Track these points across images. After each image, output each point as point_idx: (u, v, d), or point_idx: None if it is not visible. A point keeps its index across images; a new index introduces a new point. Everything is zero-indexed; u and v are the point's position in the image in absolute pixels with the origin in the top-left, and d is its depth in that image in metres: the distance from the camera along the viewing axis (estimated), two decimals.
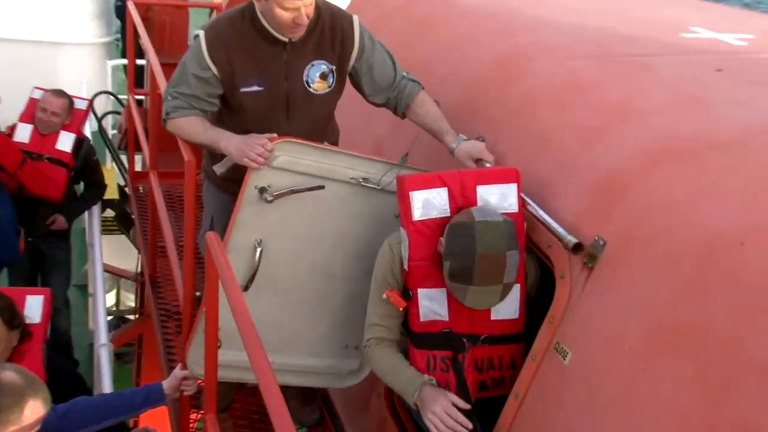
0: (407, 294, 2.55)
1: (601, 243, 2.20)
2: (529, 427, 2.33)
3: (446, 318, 2.55)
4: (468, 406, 2.44)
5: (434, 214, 2.49)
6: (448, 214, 2.49)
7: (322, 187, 2.78)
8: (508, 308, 2.53)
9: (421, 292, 2.54)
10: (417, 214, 2.49)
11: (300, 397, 3.49)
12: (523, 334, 2.60)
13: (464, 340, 2.55)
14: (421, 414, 2.44)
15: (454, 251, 2.35)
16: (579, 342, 2.21)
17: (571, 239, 2.23)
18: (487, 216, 2.37)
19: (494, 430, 2.43)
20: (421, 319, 2.57)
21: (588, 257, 2.23)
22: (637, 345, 2.01)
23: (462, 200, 2.50)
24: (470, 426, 2.37)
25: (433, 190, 2.49)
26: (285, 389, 3.45)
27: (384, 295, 2.57)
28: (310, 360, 3.11)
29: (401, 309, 2.56)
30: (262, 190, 2.73)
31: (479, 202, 2.49)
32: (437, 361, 2.56)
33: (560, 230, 2.30)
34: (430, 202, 2.49)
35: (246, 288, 2.84)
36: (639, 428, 1.94)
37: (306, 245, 2.89)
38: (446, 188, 2.47)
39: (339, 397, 3.59)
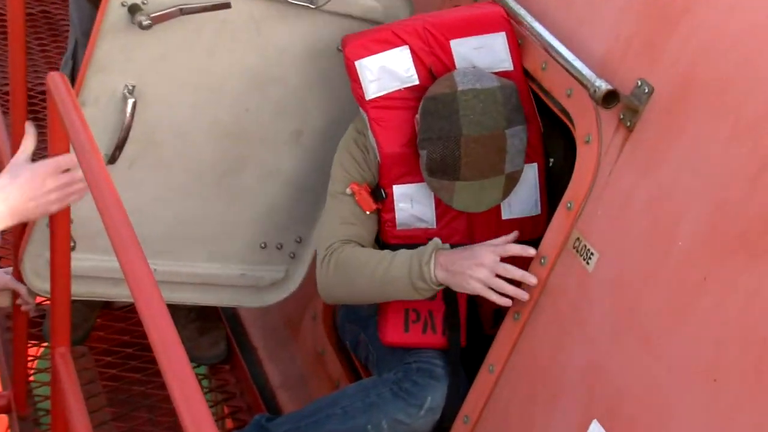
0: (379, 194, 2.64)
1: (646, 90, 2.19)
2: (532, 361, 2.38)
3: (433, 224, 2.63)
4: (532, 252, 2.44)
5: (396, 85, 2.58)
6: (417, 82, 2.58)
7: (227, 5, 2.72)
8: (524, 201, 2.61)
9: (398, 190, 2.62)
10: (372, 89, 2.58)
11: (196, 322, 3.54)
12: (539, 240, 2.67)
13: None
14: (456, 283, 2.46)
15: (431, 135, 2.44)
16: (609, 238, 2.23)
17: (601, 84, 2.21)
18: (474, 81, 2.44)
19: (485, 362, 2.49)
20: (398, 227, 2.64)
21: (626, 111, 2.23)
22: (695, 242, 2.03)
23: (432, 60, 2.57)
24: (534, 281, 2.39)
25: (388, 52, 2.57)
26: (174, 310, 3.53)
27: (348, 190, 2.65)
28: (211, 267, 3.15)
29: (369, 212, 2.65)
30: (134, 9, 2.65)
31: (458, 63, 2.57)
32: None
33: (585, 71, 2.28)
34: (387, 70, 2.57)
35: (112, 159, 2.83)
36: (697, 366, 1.97)
37: (203, 95, 2.87)
38: (407, 46, 2.58)
39: (254, 322, 3.64)
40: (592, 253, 2.25)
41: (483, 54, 2.56)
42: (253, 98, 2.92)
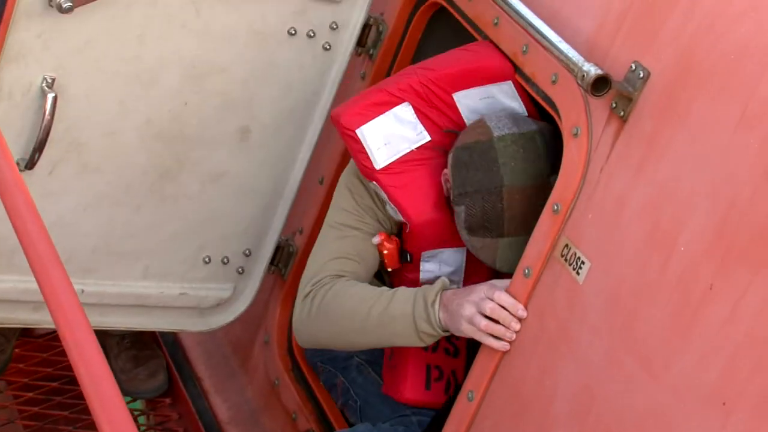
0: (404, 256, 2.70)
1: (641, 75, 2.20)
2: (516, 386, 2.38)
3: (461, 282, 2.70)
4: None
5: (407, 147, 2.63)
6: (428, 138, 2.63)
7: None
8: None
9: (426, 255, 2.68)
10: (381, 157, 2.61)
11: (131, 351, 3.54)
12: None
13: None
14: (452, 326, 2.46)
15: (468, 189, 2.49)
16: (602, 244, 2.23)
17: (590, 68, 2.22)
18: (512, 125, 2.51)
19: (463, 388, 2.50)
20: (422, 280, 2.70)
21: (618, 99, 2.23)
22: (700, 247, 2.03)
23: (436, 115, 2.63)
24: (523, 313, 2.40)
25: (389, 113, 2.63)
26: (105, 338, 3.52)
27: (375, 239, 2.68)
28: (147, 286, 3.14)
29: (389, 269, 2.70)
30: None
31: (464, 115, 2.64)
32: (441, 341, 2.71)
33: (571, 54, 2.28)
34: (393, 133, 2.61)
35: (30, 164, 2.81)
36: (703, 388, 1.97)
37: (134, 88, 2.86)
38: (407, 102, 2.64)
39: (197, 348, 3.63)
40: (582, 262, 2.25)
41: (491, 103, 2.61)
42: (192, 91, 2.90)
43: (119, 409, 1.73)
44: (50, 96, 2.74)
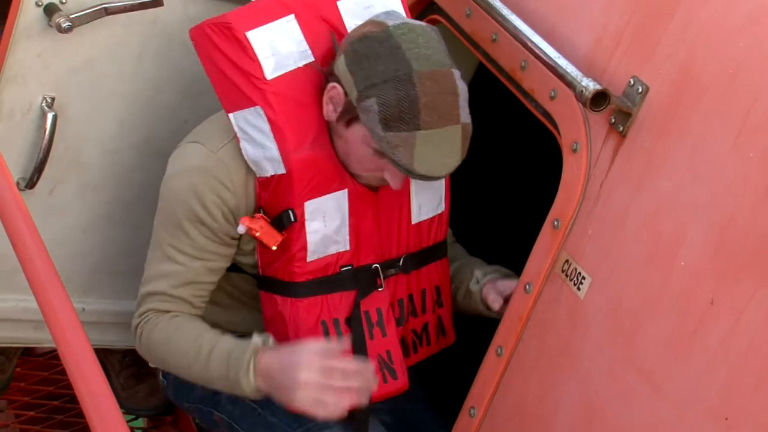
0: (286, 219, 2.52)
1: (640, 89, 2.20)
2: (518, 402, 2.38)
3: (347, 244, 2.59)
4: (344, 348, 2.40)
5: (294, 63, 2.50)
6: (312, 58, 2.52)
7: (159, 3, 2.73)
8: (432, 198, 2.67)
9: (310, 207, 2.51)
10: (270, 68, 2.47)
11: (132, 368, 3.53)
12: (445, 241, 2.78)
13: (377, 271, 2.64)
14: (282, 401, 2.37)
15: (376, 80, 2.35)
16: (602, 260, 2.23)
17: (589, 84, 2.21)
18: (403, 18, 2.46)
19: (465, 404, 2.48)
20: (309, 258, 2.56)
21: (617, 115, 2.23)
22: (700, 262, 2.03)
23: (320, 32, 2.53)
24: (372, 369, 2.37)
25: (275, 23, 2.50)
26: (106, 355, 3.51)
27: (241, 228, 2.51)
28: None
29: (274, 247, 2.53)
30: (51, 9, 2.65)
31: (348, 24, 2.56)
32: (337, 326, 2.60)
33: (570, 69, 2.28)
34: (278, 46, 2.49)
35: (31, 184, 2.82)
36: (705, 403, 1.97)
37: (134, 107, 2.87)
38: (292, 15, 2.53)
39: None
40: (583, 277, 2.25)
41: (377, 12, 2.53)
42: (192, 108, 2.91)
43: (119, 427, 1.73)
44: (50, 115, 2.75)
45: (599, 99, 2.20)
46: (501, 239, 3.01)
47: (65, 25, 2.62)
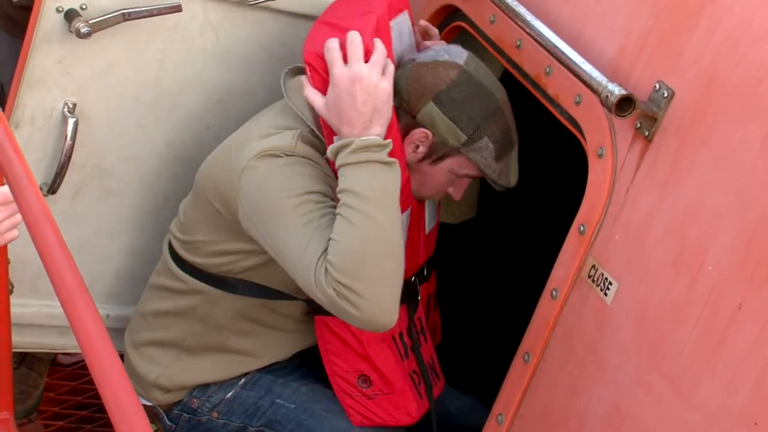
0: None
1: (665, 94, 2.20)
2: (546, 408, 2.38)
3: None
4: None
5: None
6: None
7: (178, 9, 2.72)
8: (433, 208, 2.82)
9: None
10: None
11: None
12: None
13: (416, 283, 2.78)
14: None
15: (479, 121, 2.54)
16: (629, 265, 2.23)
17: (614, 89, 2.21)
18: (456, 50, 2.61)
19: (493, 411, 2.49)
20: None
21: (643, 119, 2.24)
22: (728, 266, 2.02)
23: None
24: None
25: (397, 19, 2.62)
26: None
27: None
28: None
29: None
30: (71, 15, 2.65)
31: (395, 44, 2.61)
32: (402, 338, 2.76)
33: (595, 74, 2.28)
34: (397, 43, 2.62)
35: (53, 189, 2.82)
36: (734, 408, 1.97)
37: (156, 112, 2.87)
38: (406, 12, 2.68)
39: None
40: (610, 283, 2.25)
41: (399, 36, 2.63)
42: (214, 114, 2.92)
43: None
44: (71, 121, 2.75)
45: (624, 104, 2.20)
46: (527, 245, 3.03)
47: (84, 30, 2.62)
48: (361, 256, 2.34)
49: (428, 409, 2.83)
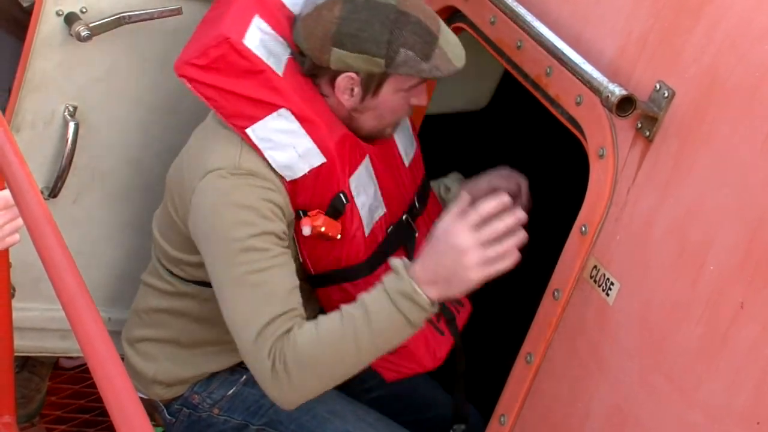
0: (340, 205, 2.55)
1: (666, 94, 2.20)
2: (548, 408, 2.38)
3: (382, 204, 2.66)
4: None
5: (284, 54, 2.57)
6: (290, 48, 2.59)
7: (178, 12, 2.75)
8: (408, 136, 2.81)
9: (354, 183, 2.59)
10: (276, 67, 2.54)
11: None
12: (427, 177, 2.91)
13: (409, 220, 2.76)
14: (455, 291, 2.34)
15: (385, 37, 2.47)
16: (631, 265, 2.23)
17: (615, 89, 2.21)
18: None
19: (496, 412, 2.48)
20: (367, 233, 2.63)
21: (644, 120, 2.23)
22: (729, 266, 2.02)
23: (277, 21, 2.60)
24: (523, 215, 2.36)
25: (253, 25, 2.55)
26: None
27: (306, 229, 2.51)
28: None
29: (339, 236, 2.56)
30: (71, 19, 2.67)
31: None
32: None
33: (595, 75, 2.28)
34: (268, 45, 2.55)
35: (54, 193, 2.84)
36: (736, 408, 1.96)
37: (156, 115, 2.88)
38: (257, 14, 2.60)
39: None
40: (612, 283, 2.25)
41: None
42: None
43: None
44: (72, 124, 2.76)
45: (625, 104, 2.20)
46: (529, 246, 3.00)
47: (84, 33, 2.63)
48: (326, 357, 2.37)
49: (453, 346, 2.77)
